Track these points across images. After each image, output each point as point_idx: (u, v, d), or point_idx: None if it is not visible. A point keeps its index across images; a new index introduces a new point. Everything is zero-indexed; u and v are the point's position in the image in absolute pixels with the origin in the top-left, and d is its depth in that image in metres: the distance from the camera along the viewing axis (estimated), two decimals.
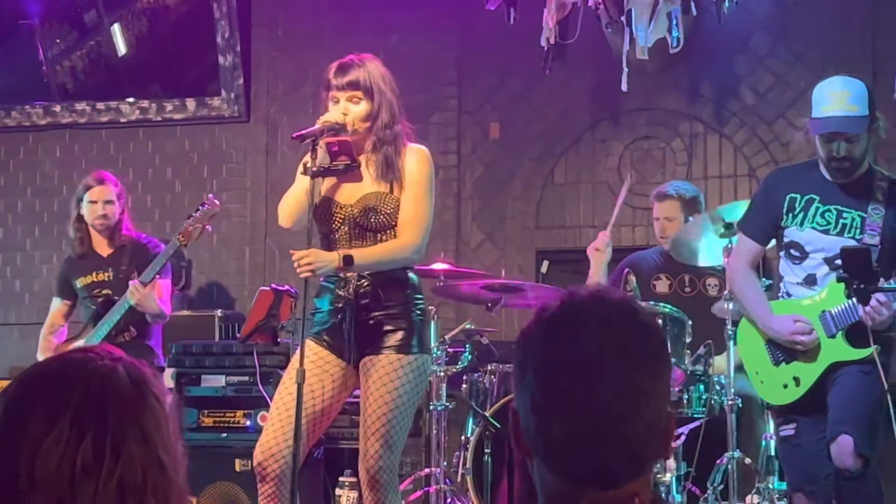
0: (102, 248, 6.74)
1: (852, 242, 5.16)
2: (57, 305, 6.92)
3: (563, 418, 1.73)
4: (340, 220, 4.86)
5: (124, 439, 1.69)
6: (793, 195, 5.34)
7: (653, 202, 7.08)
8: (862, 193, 5.26)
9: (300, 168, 4.84)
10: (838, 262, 5.15)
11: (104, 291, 6.65)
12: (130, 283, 6.42)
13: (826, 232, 5.26)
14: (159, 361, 6.74)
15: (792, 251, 5.36)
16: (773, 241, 5.56)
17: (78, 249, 6.76)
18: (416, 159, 4.90)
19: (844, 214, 5.24)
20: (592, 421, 1.72)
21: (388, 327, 4.81)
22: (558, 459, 1.75)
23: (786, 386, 5.31)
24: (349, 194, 4.86)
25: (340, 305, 4.84)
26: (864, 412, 5.09)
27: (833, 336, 5.20)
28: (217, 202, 6.61)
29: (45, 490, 1.65)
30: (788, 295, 5.40)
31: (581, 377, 1.73)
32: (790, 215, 5.33)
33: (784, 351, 5.33)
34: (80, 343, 6.50)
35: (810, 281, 5.32)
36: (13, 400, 1.73)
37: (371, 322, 4.82)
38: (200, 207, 6.56)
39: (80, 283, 6.75)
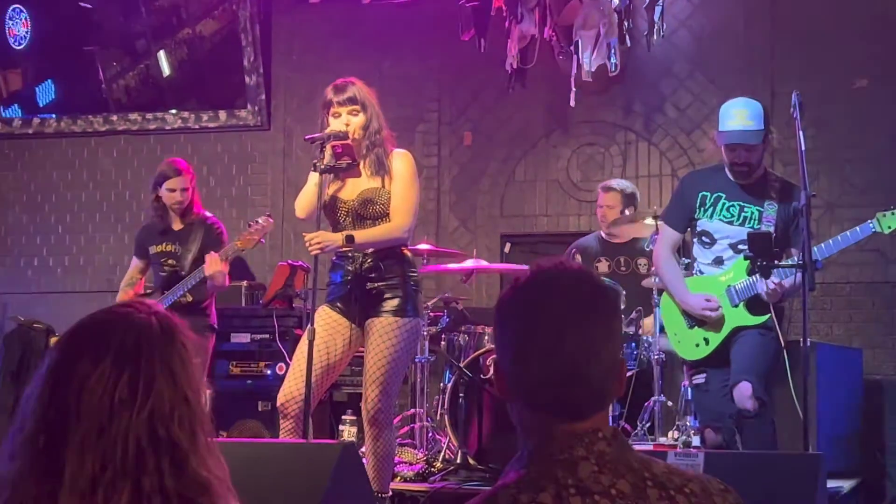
0: (176, 223, 6.46)
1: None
2: (134, 263, 6.63)
3: (538, 365, 1.72)
4: (345, 213, 4.86)
5: (154, 377, 1.67)
6: (704, 193, 5.33)
7: (599, 192, 7.07)
8: (759, 192, 5.27)
9: (312, 169, 4.83)
10: (741, 246, 5.19)
11: (170, 261, 6.39)
12: (209, 256, 6.14)
13: (731, 223, 5.26)
14: (212, 321, 6.50)
15: (703, 238, 5.36)
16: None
17: (158, 223, 6.48)
18: (401, 160, 4.90)
19: (745, 209, 5.25)
20: (562, 365, 1.71)
21: (387, 295, 4.80)
22: (536, 398, 1.74)
23: (697, 345, 5.32)
24: (350, 191, 4.86)
25: (349, 278, 4.84)
26: (760, 364, 5.11)
27: (736, 306, 5.22)
28: (271, 220, 6.18)
29: (88, 418, 1.64)
30: (701, 273, 5.40)
31: (551, 330, 1.72)
32: (702, 209, 5.32)
33: (696, 318, 5.35)
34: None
35: (718, 261, 5.32)
36: (66, 344, 1.72)
37: (374, 291, 4.81)
38: (258, 221, 6.14)
39: (152, 249, 6.50)
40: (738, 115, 5.22)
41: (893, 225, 5.05)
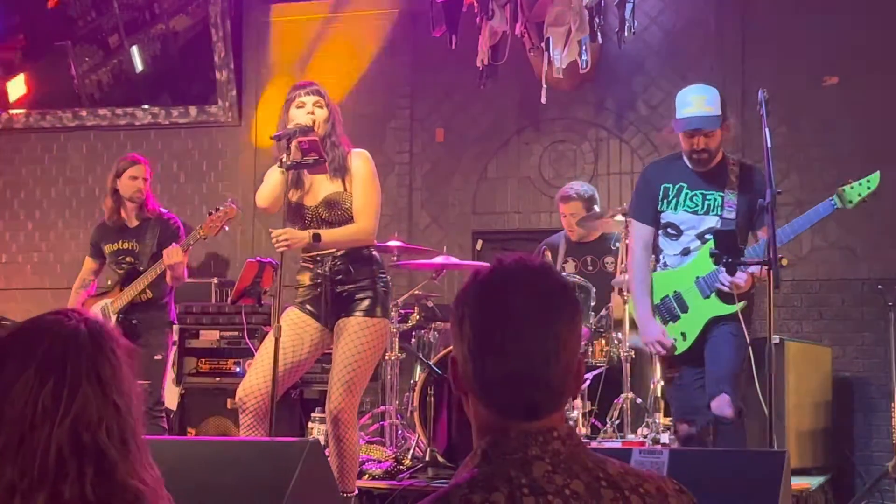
0: (131, 220, 6.46)
1: (716, 219, 5.15)
2: (88, 264, 6.64)
3: (495, 362, 1.69)
4: (309, 218, 4.83)
5: (79, 385, 1.64)
6: (666, 185, 5.27)
7: (558, 203, 7.01)
8: (719, 179, 5.20)
9: (278, 165, 4.79)
10: (707, 236, 5.14)
11: (128, 259, 6.40)
12: (171, 246, 6.12)
13: (695, 213, 5.21)
14: (171, 317, 6.50)
15: (669, 230, 5.28)
16: None
17: (113, 218, 6.48)
18: (360, 160, 4.89)
19: (708, 196, 5.18)
20: (520, 364, 1.68)
21: (357, 296, 4.79)
22: (492, 396, 1.71)
23: (675, 340, 5.23)
24: (313, 197, 4.85)
25: (319, 281, 4.82)
26: (736, 372, 5.03)
27: (708, 297, 5.15)
28: (234, 206, 6.04)
29: (10, 427, 1.61)
30: (665, 266, 5.34)
31: (510, 328, 1.69)
32: (665, 201, 5.26)
33: (670, 311, 5.27)
34: (107, 301, 6.34)
35: (685, 252, 5.25)
36: None
37: (344, 294, 4.80)
38: (220, 207, 6.05)
39: (107, 248, 6.49)
40: (696, 101, 5.17)
41: (854, 198, 5.01)
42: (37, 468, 1.59)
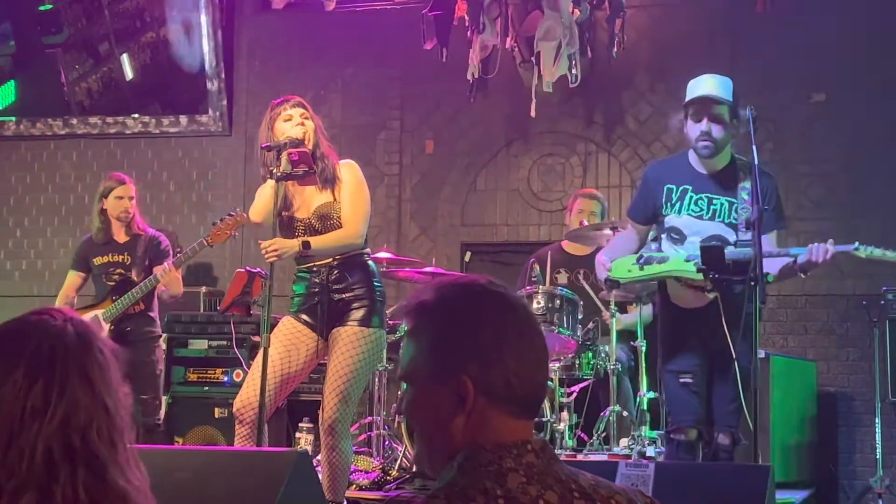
0: (120, 236, 6.71)
1: (723, 226, 5.02)
2: (71, 278, 6.84)
3: (517, 354, 1.74)
4: (302, 230, 4.88)
5: (69, 384, 1.63)
6: (669, 186, 5.11)
7: (577, 199, 7.00)
8: (728, 182, 5.06)
9: (269, 177, 4.85)
10: (714, 242, 5.00)
11: (118, 271, 6.62)
12: (165, 263, 6.38)
13: (700, 217, 5.05)
14: (159, 329, 6.80)
15: (672, 234, 5.11)
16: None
17: (101, 236, 6.71)
18: (348, 170, 4.96)
19: (714, 201, 5.04)
20: (533, 367, 1.75)
21: (354, 305, 4.82)
22: (500, 390, 1.73)
23: (630, 270, 5.14)
24: (304, 209, 4.90)
25: (316, 290, 4.86)
26: (740, 407, 4.93)
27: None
28: (245, 215, 5.94)
29: None
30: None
31: (525, 323, 1.77)
32: (668, 204, 5.10)
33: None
34: (96, 312, 6.48)
35: (691, 259, 5.02)
36: None
37: (340, 303, 4.83)
38: (229, 216, 6.15)
39: (97, 261, 6.70)
40: (706, 82, 5.09)
41: (871, 255, 4.96)
42: (24, 469, 1.58)
